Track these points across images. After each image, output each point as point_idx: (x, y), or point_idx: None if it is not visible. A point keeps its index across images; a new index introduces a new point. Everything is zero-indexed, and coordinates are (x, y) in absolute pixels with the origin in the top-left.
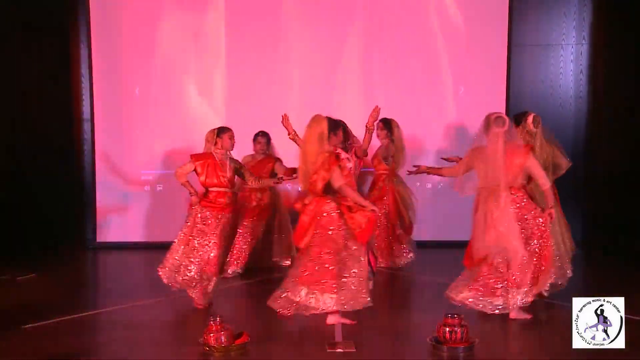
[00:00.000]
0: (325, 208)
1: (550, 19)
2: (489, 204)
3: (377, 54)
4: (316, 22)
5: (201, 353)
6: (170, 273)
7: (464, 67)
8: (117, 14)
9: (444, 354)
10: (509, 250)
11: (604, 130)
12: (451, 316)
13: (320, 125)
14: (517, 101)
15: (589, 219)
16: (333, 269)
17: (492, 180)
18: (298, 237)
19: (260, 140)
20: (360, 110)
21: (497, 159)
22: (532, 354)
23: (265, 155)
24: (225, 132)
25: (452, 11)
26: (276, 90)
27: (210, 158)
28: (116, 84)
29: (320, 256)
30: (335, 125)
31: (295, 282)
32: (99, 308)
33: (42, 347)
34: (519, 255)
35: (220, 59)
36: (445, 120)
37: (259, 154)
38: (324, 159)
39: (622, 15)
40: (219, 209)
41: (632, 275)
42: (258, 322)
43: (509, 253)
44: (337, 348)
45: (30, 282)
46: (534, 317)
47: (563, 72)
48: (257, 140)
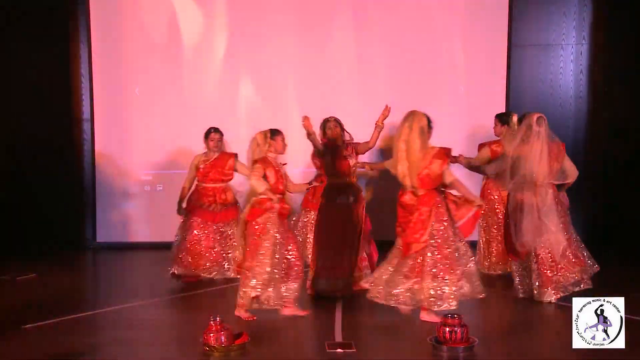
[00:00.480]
0: (438, 200)
1: (550, 19)
2: (532, 199)
3: (376, 54)
4: (314, 20)
5: (201, 353)
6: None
7: (464, 67)
8: (117, 13)
9: (444, 354)
10: (553, 242)
11: (603, 130)
12: (451, 316)
13: (421, 120)
14: (517, 101)
15: (588, 218)
16: (452, 262)
17: (532, 176)
18: (416, 232)
19: (214, 137)
20: (359, 109)
21: (542, 157)
22: (532, 354)
23: (220, 152)
24: (279, 135)
25: (452, 11)
26: (275, 90)
27: (269, 162)
28: (116, 84)
29: (442, 249)
30: (430, 121)
31: (413, 277)
32: (98, 308)
33: (41, 347)
34: (561, 247)
35: (220, 58)
36: (445, 120)
37: (213, 151)
38: (435, 154)
39: (622, 15)
40: (284, 216)
41: (632, 274)
42: (258, 322)
43: (553, 245)
44: (337, 348)
45: (30, 282)
46: (533, 317)
47: (563, 72)
48: (210, 137)
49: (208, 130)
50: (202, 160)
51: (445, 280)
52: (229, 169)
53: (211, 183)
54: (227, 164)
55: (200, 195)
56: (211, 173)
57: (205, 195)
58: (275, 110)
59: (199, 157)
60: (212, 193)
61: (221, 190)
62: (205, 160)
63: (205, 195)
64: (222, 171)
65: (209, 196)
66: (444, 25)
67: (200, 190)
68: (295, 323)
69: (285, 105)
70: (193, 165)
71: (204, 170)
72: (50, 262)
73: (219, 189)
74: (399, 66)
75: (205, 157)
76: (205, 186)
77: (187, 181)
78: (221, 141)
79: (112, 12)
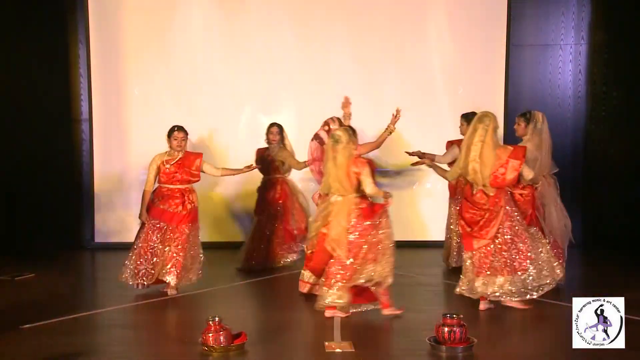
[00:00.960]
0: (508, 199)
1: (548, 19)
2: (553, 191)
3: (375, 54)
4: (312, 20)
5: (200, 353)
6: None
7: (463, 67)
8: (115, 13)
9: (443, 354)
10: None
11: (602, 130)
12: (450, 316)
13: (495, 121)
14: (515, 101)
15: (587, 218)
16: (525, 253)
17: (542, 170)
18: (487, 228)
19: (178, 136)
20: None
21: (549, 152)
22: (532, 354)
23: (185, 152)
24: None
25: (451, 11)
26: (272, 90)
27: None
28: (114, 84)
29: (515, 244)
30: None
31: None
32: (98, 308)
33: (39, 347)
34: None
35: (219, 58)
36: (444, 121)
37: (177, 150)
38: (513, 152)
39: (620, 15)
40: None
41: (632, 274)
42: (257, 322)
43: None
44: (335, 348)
45: (28, 282)
46: (533, 317)
47: (562, 72)
48: (173, 136)
49: (171, 129)
50: (166, 161)
51: (521, 273)
52: (196, 170)
53: (178, 184)
54: (194, 164)
55: (166, 197)
56: (178, 174)
57: (172, 197)
58: (274, 109)
59: (163, 156)
60: (179, 194)
61: (189, 191)
62: (170, 160)
63: (172, 197)
64: (190, 172)
65: (176, 198)
66: (442, 25)
67: (166, 192)
68: (294, 323)
69: (284, 106)
70: (154, 166)
71: (170, 171)
72: (49, 262)
73: (187, 190)
74: (397, 66)
75: (168, 155)
76: (171, 187)
77: (149, 184)
78: (185, 140)
79: (111, 12)
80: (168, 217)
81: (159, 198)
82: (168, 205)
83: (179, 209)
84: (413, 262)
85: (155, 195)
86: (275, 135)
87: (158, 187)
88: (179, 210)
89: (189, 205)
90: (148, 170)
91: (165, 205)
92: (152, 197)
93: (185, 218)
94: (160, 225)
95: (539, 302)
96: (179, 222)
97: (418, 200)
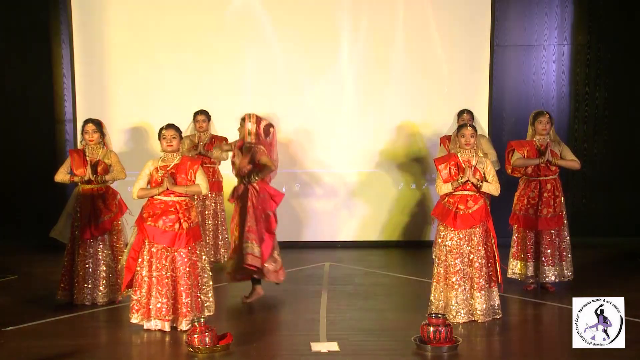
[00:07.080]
0: None
1: (532, 19)
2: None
3: (360, 55)
4: (301, 19)
5: (185, 354)
6: None
7: (447, 68)
8: (99, 14)
9: (428, 353)
10: None
11: (585, 130)
12: (435, 316)
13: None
14: (499, 101)
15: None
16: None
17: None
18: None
19: (166, 134)
20: (344, 111)
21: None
22: (532, 354)
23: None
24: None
25: (436, 11)
26: (266, 89)
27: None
28: (98, 84)
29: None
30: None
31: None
32: (81, 310)
33: (23, 349)
34: None
35: (204, 57)
36: (428, 121)
37: (167, 150)
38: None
39: (602, 16)
40: None
41: (628, 274)
42: (242, 323)
43: None
44: (321, 348)
45: (10, 283)
46: (533, 317)
47: (545, 73)
48: (162, 135)
49: (160, 129)
50: (160, 167)
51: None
52: (192, 178)
53: (172, 196)
54: (189, 171)
55: (160, 211)
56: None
57: (166, 212)
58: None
59: (154, 163)
60: (174, 209)
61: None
62: (164, 167)
63: (167, 211)
64: (186, 178)
65: (170, 212)
66: (426, 25)
67: (157, 205)
68: (280, 323)
69: (283, 107)
70: (147, 171)
71: (161, 180)
72: (30, 264)
73: (182, 203)
74: (381, 66)
75: (162, 162)
76: (164, 200)
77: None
78: (176, 138)
79: (94, 12)
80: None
81: (150, 212)
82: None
83: (176, 226)
84: (402, 262)
85: (145, 208)
86: (202, 123)
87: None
88: (175, 229)
89: (185, 223)
90: (138, 176)
91: (157, 222)
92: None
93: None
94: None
95: (539, 302)
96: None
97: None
